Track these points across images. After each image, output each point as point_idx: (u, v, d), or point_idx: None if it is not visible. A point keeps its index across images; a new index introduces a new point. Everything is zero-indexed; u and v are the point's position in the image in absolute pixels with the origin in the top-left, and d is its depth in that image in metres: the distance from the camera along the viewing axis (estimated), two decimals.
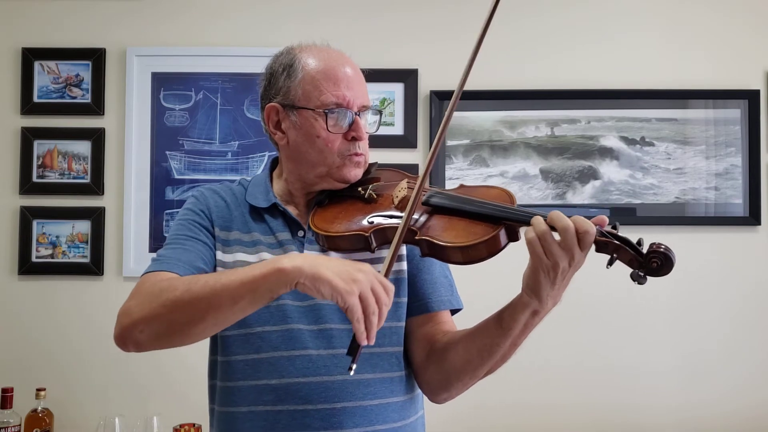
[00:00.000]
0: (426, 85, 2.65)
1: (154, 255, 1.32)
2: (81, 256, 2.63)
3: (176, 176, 2.66)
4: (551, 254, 1.12)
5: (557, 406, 2.57)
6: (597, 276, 1.44)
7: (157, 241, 2.62)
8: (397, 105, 2.66)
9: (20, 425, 2.34)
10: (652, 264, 1.14)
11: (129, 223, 2.63)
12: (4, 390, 2.32)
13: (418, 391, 1.41)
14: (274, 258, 1.13)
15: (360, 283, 1.08)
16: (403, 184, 1.35)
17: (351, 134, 1.34)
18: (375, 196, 1.35)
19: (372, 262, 1.31)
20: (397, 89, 2.66)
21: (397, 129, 2.65)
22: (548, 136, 2.65)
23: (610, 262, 1.16)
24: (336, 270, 1.09)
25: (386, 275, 1.16)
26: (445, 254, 1.22)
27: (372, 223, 1.30)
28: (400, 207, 1.30)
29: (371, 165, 1.42)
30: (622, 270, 1.27)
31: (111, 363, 2.59)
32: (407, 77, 2.65)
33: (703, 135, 2.64)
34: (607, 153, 2.64)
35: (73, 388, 2.59)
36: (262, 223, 1.37)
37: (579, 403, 2.57)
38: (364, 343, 1.09)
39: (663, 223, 2.59)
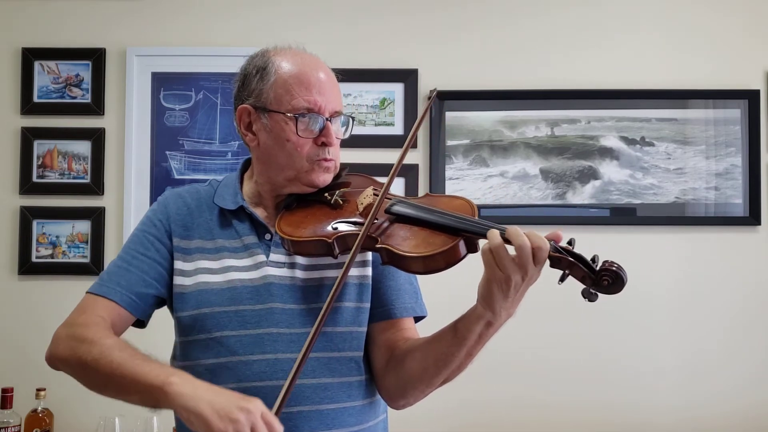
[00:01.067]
0: (426, 85, 2.65)
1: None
2: (81, 256, 2.63)
3: (176, 176, 2.66)
4: (504, 268, 1.13)
5: (557, 404, 2.57)
6: None
7: None
8: (397, 105, 2.66)
9: (20, 425, 2.34)
10: (603, 282, 1.14)
11: (129, 223, 2.63)
12: (4, 390, 2.32)
13: (377, 396, 1.41)
14: (171, 371, 1.15)
15: (238, 423, 1.05)
16: (369, 191, 1.36)
17: (321, 139, 1.34)
18: (341, 202, 1.36)
19: (336, 267, 1.33)
20: (397, 89, 2.66)
21: (397, 129, 2.65)
22: (548, 136, 2.65)
23: (562, 278, 1.17)
24: (218, 407, 1.07)
25: (279, 409, 1.13)
26: (403, 263, 1.23)
27: (336, 229, 1.30)
28: (364, 214, 1.31)
29: (342, 169, 1.42)
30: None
31: None
32: (407, 77, 2.65)
33: (703, 135, 2.64)
34: (607, 153, 2.64)
35: (73, 388, 2.56)
36: (228, 228, 1.38)
37: (579, 402, 2.57)
38: None
39: (663, 223, 2.59)
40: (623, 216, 2.61)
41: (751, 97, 2.62)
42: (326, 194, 1.38)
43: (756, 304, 2.60)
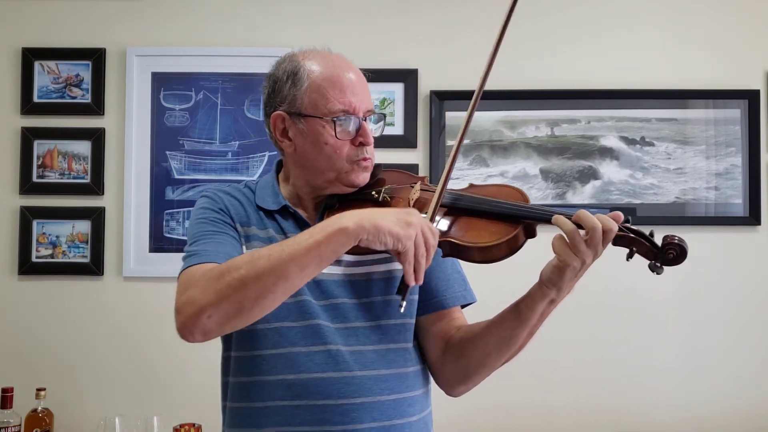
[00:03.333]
0: (426, 85, 2.65)
1: (181, 254, 1.30)
2: (81, 256, 2.63)
3: (176, 176, 2.65)
4: (579, 252, 1.17)
5: (557, 405, 2.57)
6: (597, 276, 1.45)
7: (157, 241, 2.62)
8: (397, 105, 2.66)
9: (20, 425, 2.34)
10: (669, 255, 1.21)
11: (129, 223, 2.63)
12: (4, 390, 2.32)
13: (430, 386, 1.43)
14: (330, 220, 1.17)
15: (414, 226, 1.16)
16: (417, 186, 1.38)
17: (358, 140, 1.35)
18: (389, 199, 1.37)
19: (382, 261, 1.36)
20: (397, 89, 2.66)
21: (397, 129, 2.65)
22: (548, 136, 2.66)
23: (630, 255, 1.22)
24: (392, 219, 1.16)
25: (432, 220, 1.23)
26: (467, 254, 1.25)
27: None
28: (416, 208, 1.31)
29: (377, 167, 1.43)
30: (621, 270, 1.29)
31: (111, 363, 2.60)
32: (407, 77, 2.65)
33: (703, 135, 2.64)
34: (607, 153, 2.64)
35: (73, 388, 2.59)
36: (274, 223, 1.39)
37: (579, 402, 2.57)
38: (413, 283, 1.19)
39: (663, 223, 2.59)
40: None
41: (751, 97, 2.62)
42: (373, 192, 1.38)
43: (756, 304, 2.60)
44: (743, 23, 2.66)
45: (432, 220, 1.24)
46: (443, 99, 2.64)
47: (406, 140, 2.64)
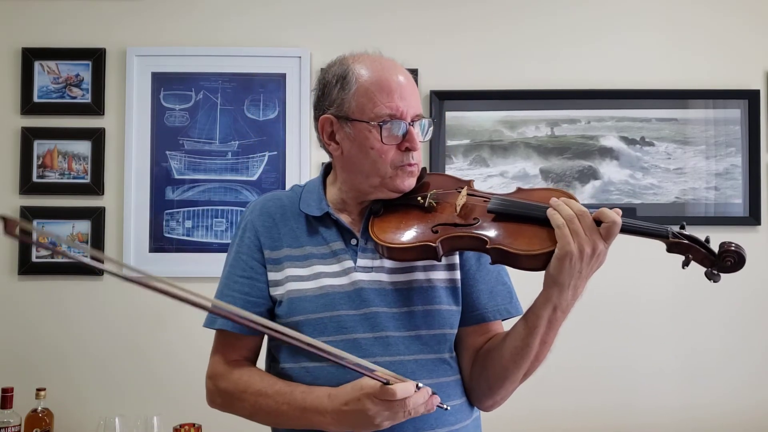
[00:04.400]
0: (426, 85, 2.65)
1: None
2: (81, 256, 2.63)
3: (176, 176, 2.65)
4: (577, 236, 1.19)
5: (556, 407, 2.57)
6: (597, 277, 1.44)
7: (157, 241, 2.62)
8: None
9: (20, 425, 2.34)
10: (727, 262, 1.23)
11: (129, 223, 2.63)
12: (4, 390, 2.32)
13: None
14: (316, 409, 1.26)
15: (375, 422, 1.20)
16: (464, 192, 1.36)
17: (405, 144, 1.35)
18: (435, 205, 1.36)
19: (423, 269, 1.36)
20: None
21: None
22: (548, 136, 2.65)
23: (686, 263, 1.23)
24: (360, 422, 1.21)
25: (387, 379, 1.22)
26: (517, 261, 1.24)
27: (437, 232, 1.30)
28: (463, 215, 1.31)
29: (423, 171, 1.43)
30: (621, 271, 1.28)
31: (111, 363, 2.60)
32: None
33: (703, 135, 2.64)
34: (607, 153, 2.64)
35: (73, 388, 2.59)
36: (315, 235, 1.39)
37: (578, 405, 2.57)
38: (432, 410, 1.23)
39: (663, 223, 2.59)
40: (623, 216, 2.60)
41: (751, 97, 2.62)
42: (419, 198, 1.37)
43: (756, 305, 2.60)
44: (743, 23, 2.66)
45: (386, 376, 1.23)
46: (443, 99, 2.64)
47: None
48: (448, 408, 1.25)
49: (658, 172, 2.63)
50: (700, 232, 1.30)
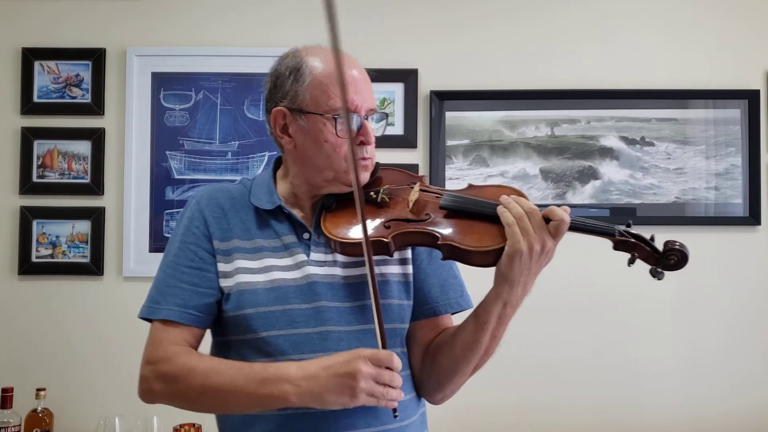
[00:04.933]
0: (426, 85, 2.65)
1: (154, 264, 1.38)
2: (81, 256, 2.63)
3: (176, 176, 2.65)
4: (526, 233, 1.21)
5: (558, 404, 2.57)
6: (597, 276, 1.45)
7: (157, 241, 2.62)
8: (397, 105, 2.66)
9: (20, 425, 2.34)
10: (670, 260, 1.22)
11: (129, 223, 2.63)
12: (4, 390, 2.32)
13: None
14: (280, 376, 1.21)
15: (359, 381, 1.17)
16: (416, 187, 1.36)
17: (359, 138, 1.34)
18: (387, 200, 1.36)
19: (377, 264, 1.33)
20: (397, 89, 2.66)
21: (397, 129, 2.65)
22: (548, 136, 2.65)
23: (631, 261, 1.24)
24: (335, 387, 1.18)
25: (383, 340, 1.22)
26: (467, 258, 1.25)
27: (389, 227, 1.30)
28: (415, 211, 1.31)
29: (376, 166, 1.42)
30: (622, 270, 1.28)
31: (111, 363, 2.60)
32: (407, 77, 2.65)
33: (703, 135, 2.64)
34: (607, 153, 2.64)
35: (73, 388, 2.59)
36: (266, 228, 1.37)
37: (579, 402, 2.57)
38: (393, 405, 1.22)
39: (663, 223, 2.59)
40: (623, 216, 2.60)
41: (751, 97, 2.62)
42: (371, 193, 1.36)
43: (756, 305, 2.60)
44: (743, 23, 2.66)
45: (383, 340, 1.23)
46: (443, 99, 2.64)
47: (406, 140, 2.64)
48: (398, 416, 1.25)
49: (658, 172, 2.63)
50: (700, 233, 1.31)
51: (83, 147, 2.66)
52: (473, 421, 2.55)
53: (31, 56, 2.67)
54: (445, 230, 1.27)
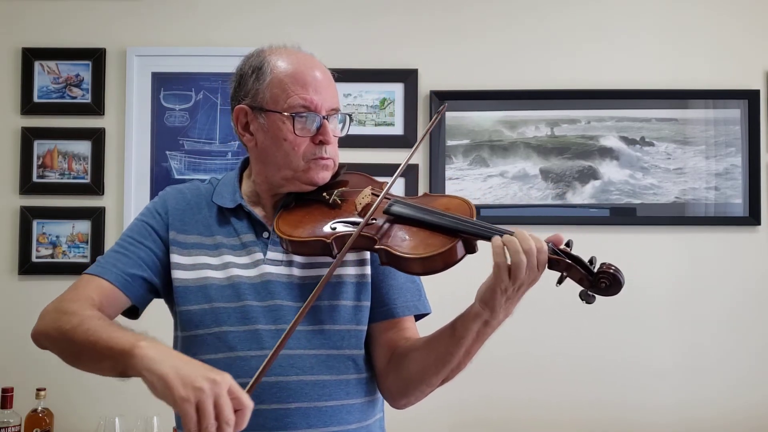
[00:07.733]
0: (426, 85, 2.65)
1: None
2: (81, 256, 2.63)
3: (176, 176, 2.66)
4: (517, 277, 1.15)
5: (555, 404, 2.57)
6: None
7: None
8: (397, 105, 2.66)
9: (20, 425, 2.34)
10: (601, 284, 1.17)
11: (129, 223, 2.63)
12: (4, 390, 2.32)
13: (378, 394, 1.41)
14: (142, 337, 1.14)
15: (201, 392, 1.02)
16: (367, 191, 1.36)
17: (318, 138, 1.34)
18: (339, 202, 1.36)
19: (342, 265, 1.33)
20: (397, 89, 2.66)
21: (397, 129, 2.65)
22: (548, 136, 2.66)
23: (560, 280, 1.19)
24: (183, 373, 1.05)
25: (252, 387, 1.11)
26: (402, 264, 1.24)
27: (334, 229, 1.30)
28: (363, 214, 1.31)
29: (341, 167, 1.42)
30: (620, 268, 1.27)
31: None
32: (407, 77, 2.65)
33: (703, 135, 2.64)
34: (607, 153, 2.64)
35: (73, 388, 2.59)
36: (227, 225, 1.38)
37: (577, 401, 2.57)
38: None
39: (663, 223, 2.59)
40: (623, 216, 2.61)
41: (751, 97, 2.62)
42: (324, 194, 1.37)
43: (756, 304, 2.60)
44: (743, 23, 2.66)
45: (256, 380, 1.12)
46: (443, 99, 2.63)
47: (406, 140, 2.64)
48: None
49: (658, 172, 2.63)
50: (700, 233, 1.30)
51: (83, 147, 2.66)
52: (469, 417, 2.55)
53: (31, 56, 2.67)
54: (384, 235, 1.26)
